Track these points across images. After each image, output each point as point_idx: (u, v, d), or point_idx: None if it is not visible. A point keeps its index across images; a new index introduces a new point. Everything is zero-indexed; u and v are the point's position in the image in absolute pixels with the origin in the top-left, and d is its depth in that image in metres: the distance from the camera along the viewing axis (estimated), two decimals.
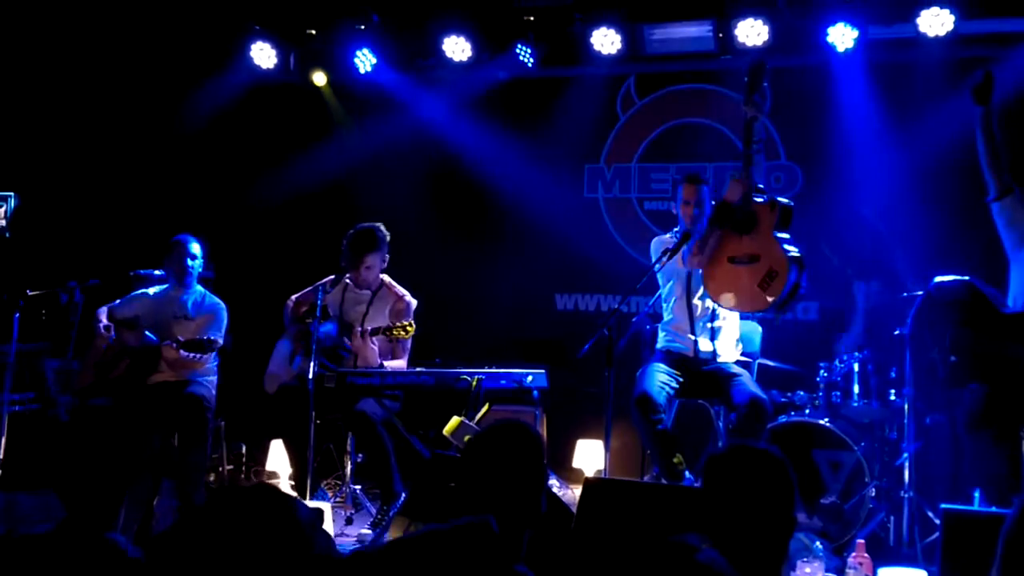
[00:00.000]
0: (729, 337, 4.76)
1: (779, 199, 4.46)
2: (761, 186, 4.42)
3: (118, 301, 5.24)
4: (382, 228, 5.10)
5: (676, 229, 4.76)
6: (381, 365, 4.94)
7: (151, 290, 5.27)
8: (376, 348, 4.94)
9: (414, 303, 5.15)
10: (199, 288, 5.26)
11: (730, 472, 2.19)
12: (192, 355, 4.78)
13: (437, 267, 6.70)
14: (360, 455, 5.28)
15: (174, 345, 4.80)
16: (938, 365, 4.33)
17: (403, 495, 4.71)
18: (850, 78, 5.96)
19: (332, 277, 5.14)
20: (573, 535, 3.48)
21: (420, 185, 6.88)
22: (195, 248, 5.15)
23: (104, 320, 5.09)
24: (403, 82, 6.83)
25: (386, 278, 5.21)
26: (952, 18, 5.43)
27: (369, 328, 4.93)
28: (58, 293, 5.12)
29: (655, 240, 4.83)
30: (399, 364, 5.01)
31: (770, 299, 4.34)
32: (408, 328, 4.82)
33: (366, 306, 5.12)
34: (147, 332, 5.01)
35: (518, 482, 2.10)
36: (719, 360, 4.68)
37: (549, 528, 2.31)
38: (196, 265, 5.14)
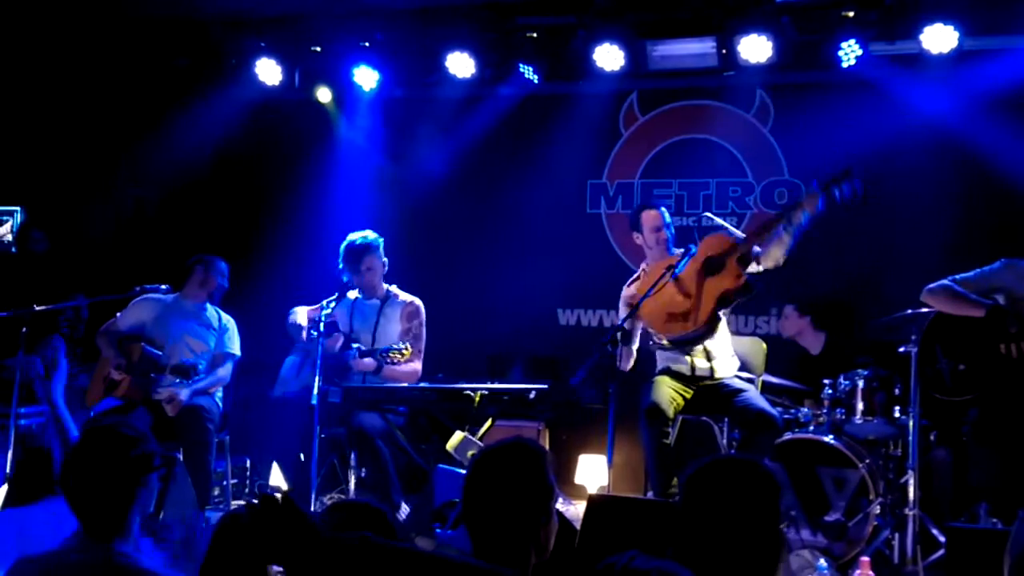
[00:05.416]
0: (724, 354, 4.76)
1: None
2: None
3: (119, 314, 5.27)
4: (371, 233, 5.15)
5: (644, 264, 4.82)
6: (380, 366, 4.95)
7: (157, 296, 5.30)
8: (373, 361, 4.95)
9: (423, 307, 5.18)
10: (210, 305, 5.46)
11: (708, 486, 2.08)
12: (178, 380, 4.92)
13: (440, 282, 6.70)
14: (363, 470, 5.27)
15: (167, 369, 4.96)
16: (945, 375, 4.35)
17: (404, 505, 4.70)
18: (853, 94, 5.99)
19: (336, 295, 5.14)
20: (577, 552, 3.47)
21: (422, 200, 6.90)
22: (225, 269, 5.49)
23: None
24: (407, 98, 6.88)
25: (393, 287, 5.22)
26: (956, 35, 5.44)
27: (363, 348, 4.95)
28: (65, 309, 5.16)
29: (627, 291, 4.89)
30: (412, 368, 5.00)
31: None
32: (405, 352, 4.80)
33: (376, 315, 5.13)
34: (146, 347, 5.05)
35: (519, 506, 2.07)
36: (717, 377, 4.68)
37: (553, 546, 2.28)
38: (224, 285, 5.48)
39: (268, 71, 6.62)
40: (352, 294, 5.17)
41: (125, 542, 2.25)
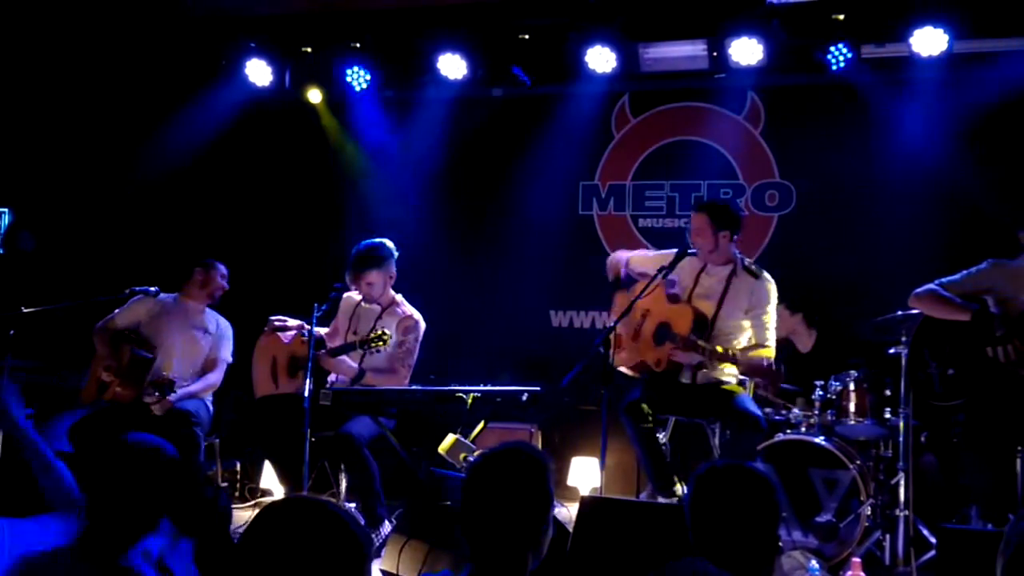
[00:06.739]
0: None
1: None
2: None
3: (117, 311, 5.25)
4: (387, 244, 5.06)
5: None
6: (361, 372, 4.92)
7: (153, 297, 5.26)
8: (349, 361, 4.93)
9: (423, 324, 5.11)
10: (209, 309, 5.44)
11: (714, 490, 2.16)
12: (156, 394, 4.90)
13: (431, 284, 6.68)
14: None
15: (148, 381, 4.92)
16: (934, 379, 4.35)
17: (386, 521, 4.66)
18: (843, 96, 6.01)
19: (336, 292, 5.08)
20: (569, 555, 3.47)
21: (414, 202, 6.89)
22: (225, 271, 5.47)
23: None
24: (398, 99, 6.86)
25: (398, 296, 5.18)
26: (946, 38, 5.47)
27: (331, 346, 4.92)
28: (53, 311, 5.13)
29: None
30: (394, 381, 4.97)
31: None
32: (384, 337, 4.75)
33: (374, 321, 5.10)
34: (135, 349, 5.02)
35: (520, 513, 2.06)
36: (689, 377, 4.68)
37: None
38: (225, 286, 5.45)
39: (258, 72, 6.60)
40: (356, 296, 5.15)
41: (133, 551, 2.24)
